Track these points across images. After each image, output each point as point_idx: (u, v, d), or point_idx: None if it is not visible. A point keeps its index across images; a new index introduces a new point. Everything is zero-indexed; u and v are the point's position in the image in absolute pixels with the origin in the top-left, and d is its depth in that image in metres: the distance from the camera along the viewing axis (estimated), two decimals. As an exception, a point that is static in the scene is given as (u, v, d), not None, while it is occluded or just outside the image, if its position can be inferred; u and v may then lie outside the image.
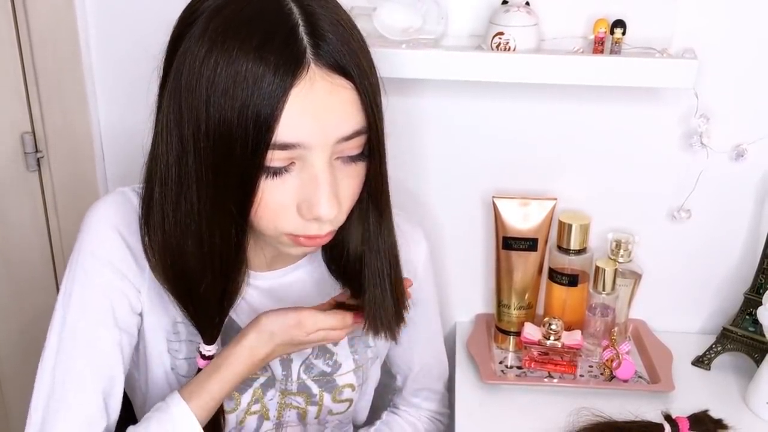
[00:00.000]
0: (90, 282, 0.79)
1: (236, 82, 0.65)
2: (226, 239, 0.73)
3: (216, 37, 0.67)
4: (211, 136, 0.67)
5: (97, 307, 0.79)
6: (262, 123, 0.66)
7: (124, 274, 0.80)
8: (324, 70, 0.67)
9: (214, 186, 0.70)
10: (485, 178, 1.18)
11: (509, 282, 1.14)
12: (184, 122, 0.69)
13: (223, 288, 0.77)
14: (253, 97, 0.65)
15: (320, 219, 0.71)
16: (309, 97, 0.66)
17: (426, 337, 1.04)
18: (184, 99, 0.68)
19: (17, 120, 1.16)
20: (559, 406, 1.04)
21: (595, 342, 1.12)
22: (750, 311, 1.12)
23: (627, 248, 1.12)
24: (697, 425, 1.01)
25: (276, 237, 0.75)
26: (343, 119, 0.69)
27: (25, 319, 1.27)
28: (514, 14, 1.02)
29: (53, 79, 1.14)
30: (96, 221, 0.80)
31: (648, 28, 1.05)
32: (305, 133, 0.67)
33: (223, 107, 0.66)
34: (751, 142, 1.12)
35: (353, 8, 1.03)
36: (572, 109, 1.13)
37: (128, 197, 0.81)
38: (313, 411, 0.92)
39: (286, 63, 0.65)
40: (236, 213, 0.71)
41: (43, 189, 1.21)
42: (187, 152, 0.70)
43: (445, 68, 1.03)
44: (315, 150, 0.68)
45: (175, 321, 0.84)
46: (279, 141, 0.67)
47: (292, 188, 0.70)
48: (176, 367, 0.85)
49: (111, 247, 0.80)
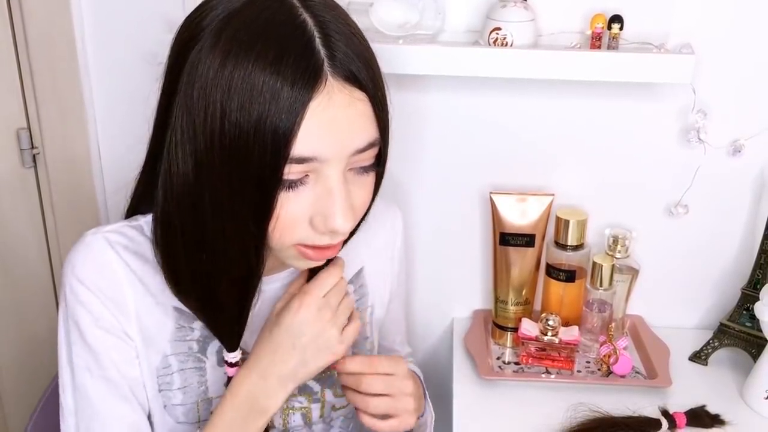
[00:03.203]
0: (88, 345, 0.79)
1: (253, 96, 0.64)
2: (244, 253, 0.72)
3: (230, 49, 0.65)
4: (227, 151, 0.66)
5: (105, 368, 0.80)
6: (280, 137, 0.65)
7: (116, 332, 0.79)
8: (341, 83, 0.67)
9: (230, 201, 0.69)
10: (482, 174, 1.17)
11: (506, 278, 1.14)
12: (199, 137, 0.67)
13: (241, 297, 0.76)
14: (270, 110, 0.64)
15: (336, 231, 0.70)
16: (327, 110, 0.66)
17: (400, 314, 1.05)
18: (197, 114, 0.67)
19: (13, 116, 1.16)
20: (557, 402, 1.04)
21: (593, 338, 1.12)
22: (747, 306, 1.12)
23: (624, 244, 1.12)
24: (695, 420, 1.01)
25: (283, 250, 0.74)
26: (359, 132, 0.69)
27: (22, 316, 1.27)
28: (512, 9, 1.02)
29: (49, 74, 1.14)
30: (76, 285, 0.78)
31: (645, 23, 1.05)
32: (323, 147, 0.67)
33: (240, 121, 0.65)
34: (748, 137, 1.12)
35: (351, 3, 1.03)
36: (569, 104, 1.13)
37: (98, 244, 0.79)
38: (317, 409, 0.92)
39: (303, 76, 0.65)
40: (254, 227, 0.70)
41: (39, 185, 1.21)
42: (201, 168, 0.68)
43: (443, 64, 1.03)
44: (330, 163, 0.68)
45: (165, 355, 0.83)
46: (297, 155, 0.66)
47: (306, 201, 0.70)
48: (169, 400, 0.85)
49: (99, 312, 0.78)
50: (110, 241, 0.79)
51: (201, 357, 0.84)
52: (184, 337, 0.83)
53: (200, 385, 0.84)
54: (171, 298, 0.80)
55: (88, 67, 1.16)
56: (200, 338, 0.83)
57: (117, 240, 0.79)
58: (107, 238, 0.79)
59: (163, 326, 0.82)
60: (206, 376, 0.84)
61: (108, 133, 1.20)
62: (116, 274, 0.78)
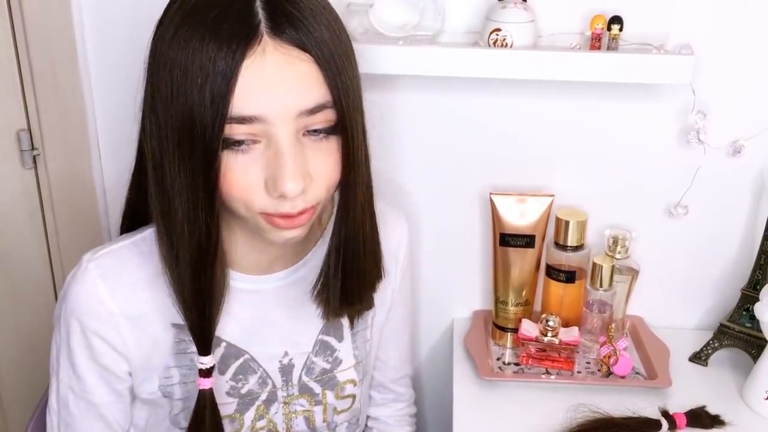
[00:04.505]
0: (74, 368, 0.82)
1: (194, 60, 0.67)
2: (198, 224, 0.73)
3: (180, 20, 0.69)
4: (177, 117, 0.69)
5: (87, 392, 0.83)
6: (217, 96, 0.67)
7: (105, 363, 0.82)
8: (278, 42, 0.68)
9: (184, 171, 0.70)
10: (482, 175, 1.17)
11: (506, 278, 1.15)
12: (157, 105, 0.71)
13: (203, 280, 0.76)
14: (209, 71, 0.66)
15: (286, 195, 0.70)
16: (262, 68, 0.67)
17: (402, 325, 1.04)
18: (155, 84, 0.71)
19: (13, 117, 1.16)
20: (557, 403, 1.04)
21: (593, 338, 1.12)
22: (747, 307, 1.12)
23: (624, 244, 1.12)
24: (695, 421, 1.01)
25: (252, 219, 0.74)
26: (303, 92, 0.69)
27: (22, 317, 1.27)
28: (511, 10, 1.02)
29: (49, 75, 1.14)
30: (70, 317, 0.80)
31: (645, 24, 1.05)
32: (261, 106, 0.68)
33: (185, 85, 0.67)
34: (748, 138, 1.12)
35: (350, 4, 1.03)
36: (570, 105, 1.13)
37: (91, 277, 0.80)
38: (319, 412, 0.92)
39: (237, 35, 0.67)
40: (203, 193, 0.71)
41: (40, 186, 1.21)
42: (162, 138, 0.71)
43: (443, 65, 1.03)
44: (277, 124, 0.69)
45: (168, 366, 0.84)
46: (236, 114, 0.67)
47: (258, 166, 0.70)
48: (171, 409, 0.86)
49: (89, 345, 0.81)
50: (104, 272, 0.80)
51: None
52: (185, 349, 0.84)
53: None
54: (168, 314, 0.81)
55: (88, 68, 1.16)
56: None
57: (111, 266, 0.81)
58: (102, 268, 0.80)
59: (162, 342, 0.83)
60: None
61: (108, 133, 1.20)
62: (108, 307, 0.80)
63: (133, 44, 1.12)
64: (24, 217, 1.22)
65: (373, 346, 0.98)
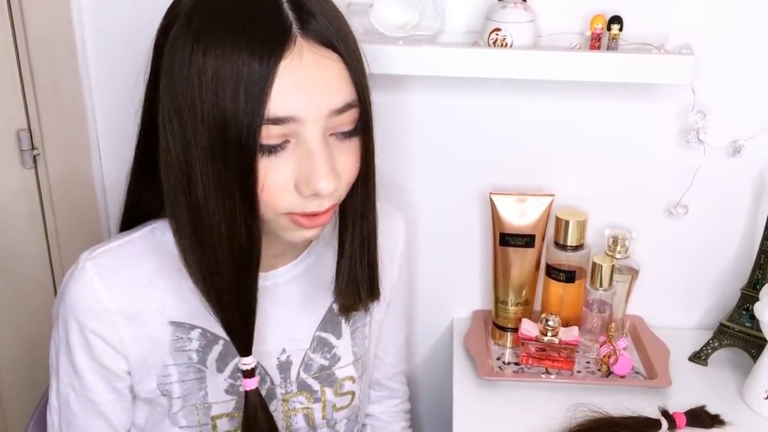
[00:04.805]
0: (74, 367, 0.82)
1: (226, 64, 0.66)
2: (236, 229, 0.72)
3: (201, 25, 0.68)
4: (209, 124, 0.68)
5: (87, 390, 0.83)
6: (254, 99, 0.66)
7: (103, 362, 0.82)
8: (311, 43, 0.68)
9: (217, 175, 0.70)
10: (482, 175, 1.17)
11: (506, 278, 1.15)
12: (183, 113, 0.69)
13: (242, 282, 0.76)
14: (243, 75, 0.66)
15: (320, 194, 0.71)
16: (299, 69, 0.68)
17: (399, 321, 1.05)
18: (179, 90, 0.69)
19: (13, 117, 1.16)
20: (557, 402, 1.04)
21: (593, 338, 1.12)
22: (747, 307, 1.12)
23: (624, 244, 1.12)
24: (694, 421, 1.01)
25: (275, 219, 0.74)
26: (333, 91, 0.70)
27: (22, 316, 1.26)
28: (511, 10, 1.02)
29: (49, 75, 1.14)
30: (68, 317, 0.80)
31: (645, 24, 1.05)
32: (297, 106, 0.68)
33: (216, 90, 0.67)
34: (747, 138, 1.12)
35: (351, 4, 1.03)
36: (569, 105, 1.13)
37: (88, 276, 0.79)
38: (319, 409, 0.92)
39: (273, 37, 0.67)
40: (240, 198, 0.70)
41: (40, 186, 1.21)
42: (189, 142, 0.70)
43: (443, 64, 1.03)
44: (308, 124, 0.69)
45: (166, 364, 0.84)
46: (272, 115, 0.67)
47: (289, 166, 0.71)
48: (170, 407, 0.86)
49: (87, 343, 0.81)
50: (102, 270, 0.80)
51: (201, 367, 0.85)
52: (183, 347, 0.84)
53: (199, 390, 0.85)
54: (166, 313, 0.81)
55: (88, 67, 1.16)
56: (199, 348, 0.84)
57: (108, 264, 0.80)
58: (99, 267, 0.80)
59: (160, 340, 0.83)
60: (206, 382, 0.85)
61: (108, 133, 1.20)
62: (106, 306, 0.79)
63: (133, 44, 1.12)
64: (24, 217, 1.22)
65: (372, 342, 0.98)
